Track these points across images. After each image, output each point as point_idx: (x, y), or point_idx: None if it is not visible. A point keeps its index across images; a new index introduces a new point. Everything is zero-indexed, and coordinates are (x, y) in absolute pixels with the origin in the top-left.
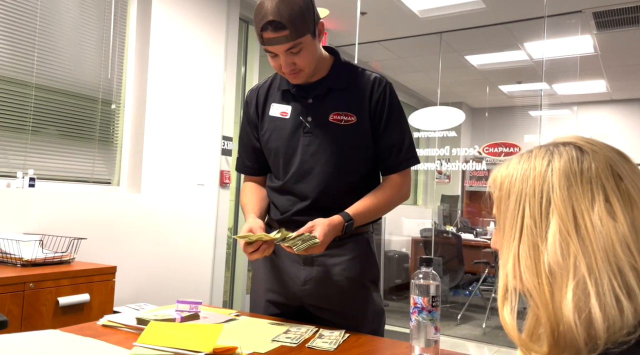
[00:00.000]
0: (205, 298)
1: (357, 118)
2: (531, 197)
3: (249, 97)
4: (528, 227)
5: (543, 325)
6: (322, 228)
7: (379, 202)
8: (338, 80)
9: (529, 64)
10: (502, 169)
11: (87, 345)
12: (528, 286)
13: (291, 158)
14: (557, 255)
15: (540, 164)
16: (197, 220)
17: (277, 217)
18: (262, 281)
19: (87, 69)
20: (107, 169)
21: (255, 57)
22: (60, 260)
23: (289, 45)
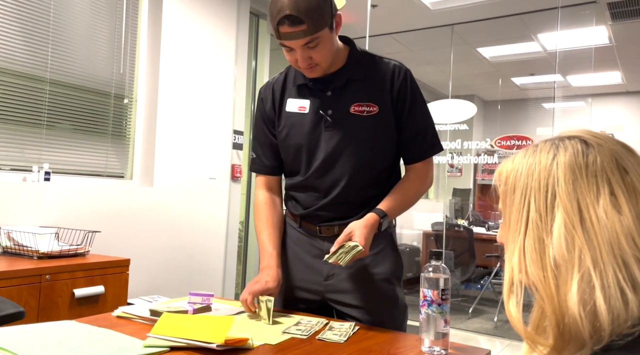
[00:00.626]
0: (217, 290)
1: (379, 108)
2: (536, 191)
3: (264, 93)
4: (533, 221)
5: (548, 318)
6: (361, 232)
7: (409, 194)
8: (356, 70)
9: (543, 56)
10: (507, 163)
11: (102, 336)
12: (533, 279)
13: (314, 153)
14: (562, 249)
15: (546, 158)
16: (209, 213)
17: (299, 212)
18: (284, 276)
19: (99, 64)
20: (120, 162)
21: (265, 51)
22: (75, 252)
23: (306, 40)
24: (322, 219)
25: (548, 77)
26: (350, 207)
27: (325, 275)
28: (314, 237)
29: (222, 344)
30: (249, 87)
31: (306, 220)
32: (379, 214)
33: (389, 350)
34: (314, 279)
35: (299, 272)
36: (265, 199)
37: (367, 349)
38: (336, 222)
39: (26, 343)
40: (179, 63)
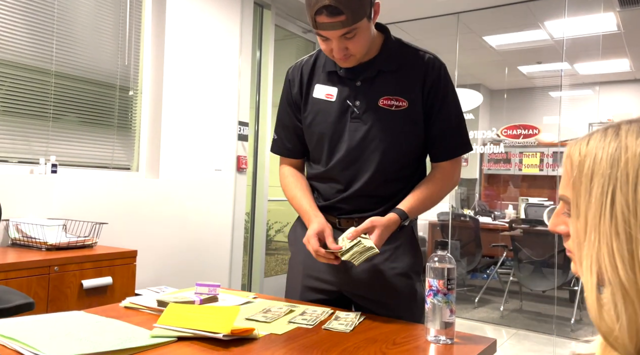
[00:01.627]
0: (223, 281)
1: (408, 103)
2: (623, 183)
3: (292, 75)
4: (623, 217)
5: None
6: (380, 231)
7: (432, 194)
8: (389, 61)
9: (550, 44)
10: (580, 145)
11: (110, 326)
12: (624, 281)
13: (337, 144)
14: None
15: (635, 144)
16: (215, 205)
17: (319, 203)
18: (300, 265)
19: (104, 56)
20: (126, 154)
21: (270, 41)
22: (83, 244)
23: (344, 31)
24: (341, 212)
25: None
26: (372, 201)
27: (344, 267)
28: (333, 229)
29: (228, 334)
30: (253, 78)
31: (326, 211)
32: (400, 215)
33: (395, 340)
34: (331, 270)
35: (317, 262)
36: (290, 170)
37: (373, 339)
38: (356, 215)
39: (35, 333)
40: (184, 54)
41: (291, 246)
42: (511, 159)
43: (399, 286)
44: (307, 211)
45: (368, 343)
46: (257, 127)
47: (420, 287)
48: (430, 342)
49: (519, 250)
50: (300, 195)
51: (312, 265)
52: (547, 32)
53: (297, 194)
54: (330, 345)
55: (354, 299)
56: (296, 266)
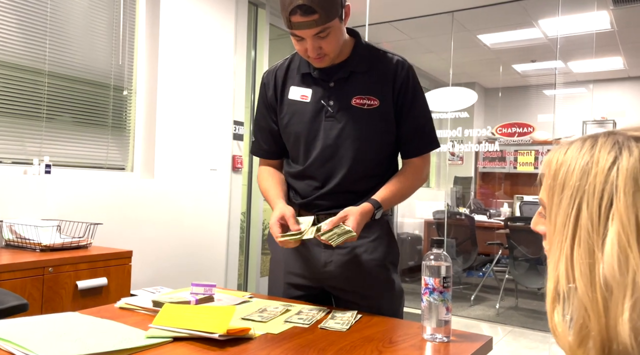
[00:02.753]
0: (219, 281)
1: (379, 102)
2: (590, 196)
3: (266, 78)
4: (584, 229)
5: (593, 338)
6: (355, 218)
7: (403, 187)
8: (360, 63)
9: (544, 42)
10: (559, 153)
11: (106, 327)
12: (581, 294)
13: (313, 143)
14: (614, 268)
15: (605, 160)
16: (211, 204)
17: (298, 201)
18: (281, 263)
19: (98, 55)
20: (121, 154)
21: (265, 40)
22: (77, 245)
23: (317, 29)
24: (320, 208)
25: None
26: (348, 197)
27: (323, 262)
28: (313, 226)
29: (224, 334)
30: (248, 77)
31: (305, 209)
32: (373, 205)
33: (391, 338)
34: (312, 266)
35: (297, 260)
36: (264, 169)
37: (369, 337)
38: (334, 211)
39: (30, 335)
40: (178, 54)
41: (270, 245)
42: (506, 157)
43: (377, 276)
44: (271, 200)
45: (364, 342)
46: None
47: (397, 277)
48: (427, 340)
49: (514, 248)
50: (267, 186)
51: (293, 263)
52: (541, 31)
53: (266, 186)
54: (327, 344)
55: (335, 292)
56: (277, 264)
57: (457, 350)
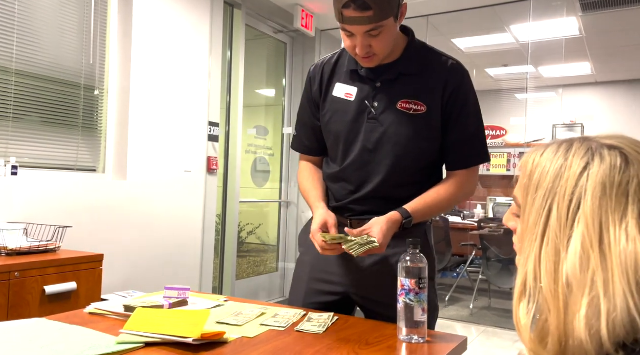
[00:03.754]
0: (194, 285)
1: (427, 108)
2: (560, 198)
3: (313, 73)
4: (553, 229)
5: (551, 334)
6: (380, 228)
7: (441, 199)
8: (411, 64)
9: (515, 47)
10: (535, 155)
11: (74, 333)
12: (545, 291)
13: (352, 144)
14: (576, 267)
15: (577, 165)
16: (185, 207)
17: (332, 204)
18: (307, 266)
19: (68, 54)
20: (92, 156)
21: (241, 41)
22: (45, 248)
23: (370, 27)
24: (353, 213)
25: (521, 68)
26: (383, 204)
27: (353, 269)
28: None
29: (198, 338)
30: (224, 78)
31: (338, 212)
32: (402, 214)
33: (368, 340)
34: (340, 271)
35: (325, 263)
36: (305, 165)
37: (346, 339)
38: (367, 217)
39: None
40: (152, 53)
41: (300, 247)
42: None
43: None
44: (312, 204)
45: (341, 344)
46: (228, 127)
47: (433, 292)
48: (403, 341)
49: (487, 248)
50: (308, 187)
51: (320, 267)
52: (513, 36)
53: (307, 187)
54: (303, 347)
55: (361, 301)
56: (303, 268)
57: (433, 351)
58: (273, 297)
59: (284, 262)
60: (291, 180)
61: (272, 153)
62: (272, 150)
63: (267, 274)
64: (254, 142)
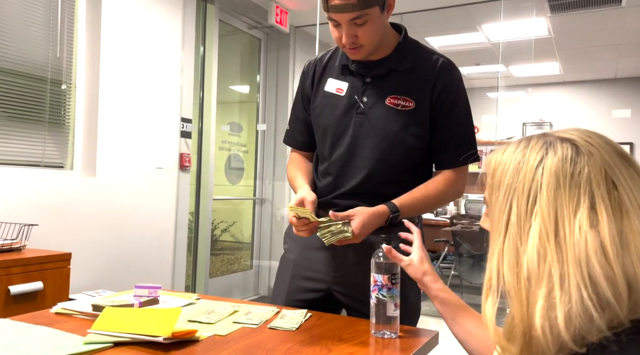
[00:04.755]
0: (166, 283)
1: (415, 104)
2: (520, 193)
3: (306, 68)
4: (513, 224)
5: (516, 327)
6: (360, 219)
7: (429, 196)
8: (402, 61)
9: (487, 46)
10: (498, 154)
11: (39, 334)
12: (507, 286)
13: (339, 138)
14: (534, 261)
15: (534, 159)
16: (157, 204)
17: (322, 198)
18: (290, 263)
19: (33, 46)
20: (59, 152)
21: (214, 36)
22: (10, 247)
23: (354, 14)
24: (337, 208)
25: (492, 67)
26: (368, 200)
27: (335, 266)
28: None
29: (169, 337)
30: (197, 74)
31: (322, 207)
32: (390, 209)
33: (341, 336)
34: (323, 268)
35: (309, 260)
36: (296, 156)
37: (318, 335)
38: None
39: None
40: (122, 47)
41: (285, 243)
42: None
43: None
44: (297, 186)
45: (314, 340)
46: (201, 124)
47: (415, 292)
48: (375, 336)
49: (459, 244)
50: (294, 175)
51: (303, 264)
52: (484, 35)
53: (293, 174)
54: (275, 344)
55: (344, 299)
56: (286, 265)
57: (405, 345)
58: (247, 295)
59: (258, 259)
60: (265, 178)
61: (246, 150)
62: (246, 147)
63: (241, 271)
64: (227, 139)
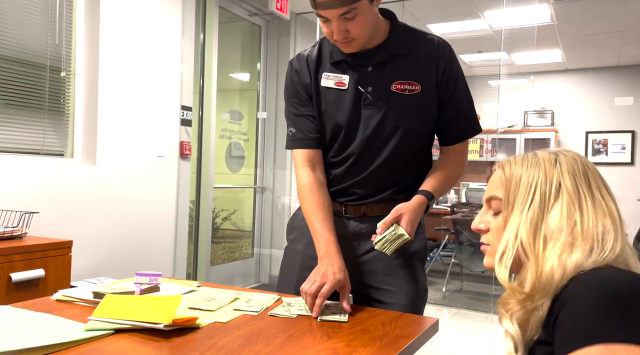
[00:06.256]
0: (168, 271)
1: (421, 87)
2: (543, 182)
3: (299, 65)
4: (536, 202)
5: (529, 272)
6: (408, 217)
7: (450, 175)
8: (400, 45)
9: (489, 34)
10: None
11: (40, 320)
12: (524, 245)
13: (352, 132)
14: (557, 223)
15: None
16: (157, 192)
17: (332, 188)
18: (299, 254)
19: (32, 33)
20: (59, 140)
21: (214, 24)
22: (11, 235)
23: (343, 10)
24: (349, 198)
25: (494, 54)
26: (382, 186)
27: (347, 256)
28: (340, 217)
29: (169, 324)
30: (197, 61)
31: (333, 196)
32: (427, 197)
33: (341, 323)
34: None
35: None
36: (310, 179)
37: (319, 323)
38: (362, 201)
39: None
40: (121, 34)
41: (289, 234)
42: None
43: (405, 275)
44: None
45: (314, 328)
46: (202, 112)
47: (423, 275)
48: None
49: (459, 233)
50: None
51: (313, 253)
52: (486, 22)
53: (311, 212)
54: (276, 331)
55: (354, 286)
56: (294, 256)
57: (405, 332)
58: (248, 282)
59: (259, 247)
60: (266, 166)
61: (247, 138)
62: (247, 135)
63: (242, 259)
64: (228, 127)
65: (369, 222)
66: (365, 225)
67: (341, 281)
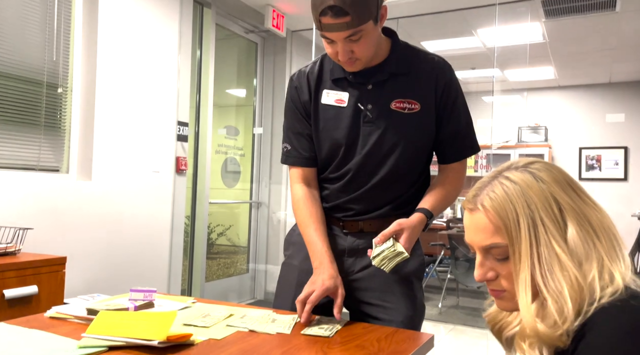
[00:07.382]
0: (162, 287)
1: (420, 106)
2: (541, 208)
3: (298, 81)
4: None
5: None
6: (408, 235)
7: (448, 194)
8: (400, 64)
9: (482, 51)
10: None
11: (33, 338)
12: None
13: (350, 148)
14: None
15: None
16: (153, 208)
17: (324, 205)
18: (296, 271)
19: (29, 50)
20: (55, 156)
21: (211, 40)
22: (5, 251)
23: (349, 32)
24: (346, 214)
25: (487, 71)
26: (376, 204)
27: (345, 272)
28: (337, 232)
29: (164, 340)
30: (193, 77)
31: (330, 212)
32: (426, 215)
33: (337, 339)
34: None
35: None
36: (304, 193)
37: (314, 339)
38: (360, 217)
39: None
40: (118, 50)
41: (286, 250)
42: None
43: (402, 291)
44: (314, 253)
45: (309, 344)
46: (198, 127)
47: (420, 292)
48: None
49: (455, 248)
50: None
51: (308, 270)
52: (480, 40)
53: (306, 223)
54: (270, 348)
55: (349, 302)
56: (290, 272)
57: (400, 348)
58: (243, 298)
59: (255, 263)
60: (262, 181)
61: (243, 153)
62: (243, 150)
63: (238, 275)
64: (224, 142)
65: (366, 238)
66: (362, 241)
67: (330, 288)
